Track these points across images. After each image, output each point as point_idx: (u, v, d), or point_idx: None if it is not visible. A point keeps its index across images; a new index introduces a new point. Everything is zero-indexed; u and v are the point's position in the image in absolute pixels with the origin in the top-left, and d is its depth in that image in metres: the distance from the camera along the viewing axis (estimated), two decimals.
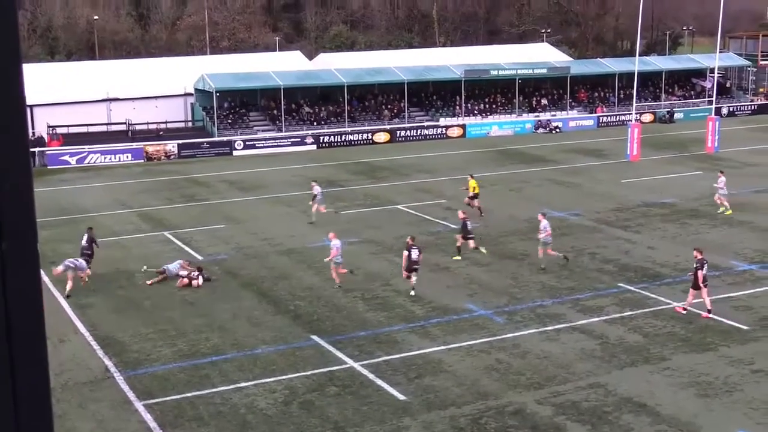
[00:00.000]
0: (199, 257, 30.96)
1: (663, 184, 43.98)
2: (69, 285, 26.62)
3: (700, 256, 24.38)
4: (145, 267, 29.18)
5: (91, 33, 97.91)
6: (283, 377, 20.64)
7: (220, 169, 50.82)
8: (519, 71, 69.85)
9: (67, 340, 23.21)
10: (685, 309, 24.44)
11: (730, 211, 36.57)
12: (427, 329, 23.61)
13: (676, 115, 70.79)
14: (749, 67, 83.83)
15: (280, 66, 68.56)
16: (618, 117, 68.65)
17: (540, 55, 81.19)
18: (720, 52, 60.52)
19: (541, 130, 65.63)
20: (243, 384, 20.30)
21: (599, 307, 25.25)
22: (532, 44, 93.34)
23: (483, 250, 30.46)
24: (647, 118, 69.55)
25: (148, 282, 28.29)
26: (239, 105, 64.65)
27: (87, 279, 27.55)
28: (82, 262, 27.56)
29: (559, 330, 23.41)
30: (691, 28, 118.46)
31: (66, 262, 27.27)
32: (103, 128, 61.17)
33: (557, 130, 65.67)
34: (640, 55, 57.71)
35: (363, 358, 21.64)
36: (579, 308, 25.16)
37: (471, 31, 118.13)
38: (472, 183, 37.28)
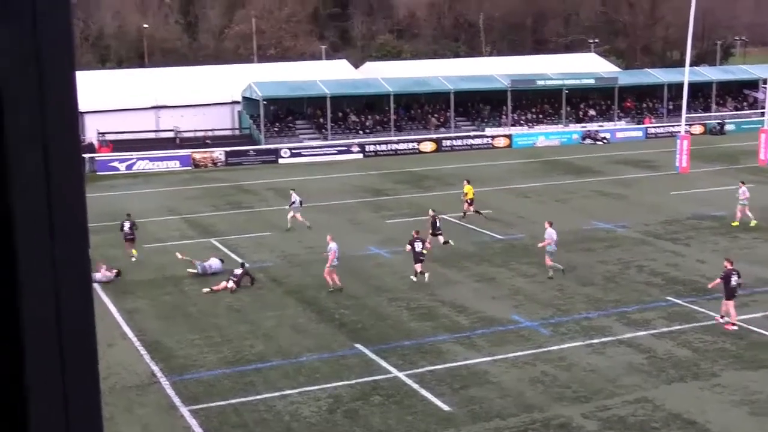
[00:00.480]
0: (245, 264, 31.08)
1: (713, 196, 43.28)
2: None
3: (729, 267, 24.26)
4: (178, 254, 30.51)
5: (141, 41, 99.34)
6: (327, 385, 20.61)
7: (267, 177, 51.14)
8: (566, 81, 69.45)
9: (115, 344, 23.44)
10: (733, 324, 23.99)
11: (755, 221, 36.04)
12: (472, 340, 23.44)
13: (727, 127, 69.77)
14: None
15: (327, 75, 68.92)
16: (667, 128, 67.86)
17: (587, 65, 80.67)
18: None
19: (588, 141, 65.09)
20: (287, 391, 20.30)
21: (646, 320, 24.87)
22: (580, 54, 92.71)
23: (450, 242, 32.81)
24: (697, 129, 68.60)
25: (179, 256, 30.42)
26: (286, 113, 65.06)
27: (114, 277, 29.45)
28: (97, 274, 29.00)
29: (606, 343, 23.09)
30: (743, 38, 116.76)
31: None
32: (152, 135, 61.98)
33: (605, 140, 65.08)
34: (690, 66, 56.95)
35: (407, 367, 21.54)
36: (625, 321, 24.81)
37: (518, 41, 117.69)
38: (468, 188, 38.39)
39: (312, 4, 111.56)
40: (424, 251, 28.44)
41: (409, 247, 28.49)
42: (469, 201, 38.15)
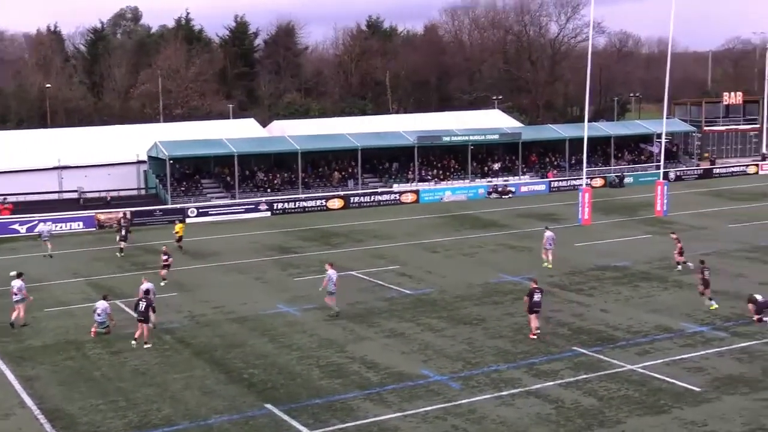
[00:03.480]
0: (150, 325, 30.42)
1: (614, 247, 44.52)
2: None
3: (534, 285, 29.03)
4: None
5: (43, 101, 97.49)
6: None
7: (173, 237, 50.33)
8: (471, 137, 70.86)
9: (12, 414, 22.56)
10: (534, 334, 28.32)
11: (550, 266, 39.41)
12: (382, 396, 23.39)
13: (626, 180, 72.09)
14: (694, 132, 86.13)
15: (234, 133, 68.83)
16: (569, 182, 69.72)
17: (492, 121, 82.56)
18: (666, 118, 61.95)
19: (493, 195, 66.33)
20: None
21: (554, 371, 25.25)
22: (484, 111, 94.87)
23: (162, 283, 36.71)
24: (598, 182, 70.78)
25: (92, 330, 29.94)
26: (193, 172, 64.51)
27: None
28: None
29: (515, 395, 23.34)
30: (638, 94, 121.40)
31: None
32: (55, 196, 60.60)
33: (510, 195, 66.43)
34: (589, 121, 58.84)
35: (318, 426, 21.33)
36: (534, 372, 25.15)
37: (423, 98, 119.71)
38: (178, 226, 46.73)
39: (219, 63, 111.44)
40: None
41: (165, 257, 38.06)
42: (177, 238, 45.23)
